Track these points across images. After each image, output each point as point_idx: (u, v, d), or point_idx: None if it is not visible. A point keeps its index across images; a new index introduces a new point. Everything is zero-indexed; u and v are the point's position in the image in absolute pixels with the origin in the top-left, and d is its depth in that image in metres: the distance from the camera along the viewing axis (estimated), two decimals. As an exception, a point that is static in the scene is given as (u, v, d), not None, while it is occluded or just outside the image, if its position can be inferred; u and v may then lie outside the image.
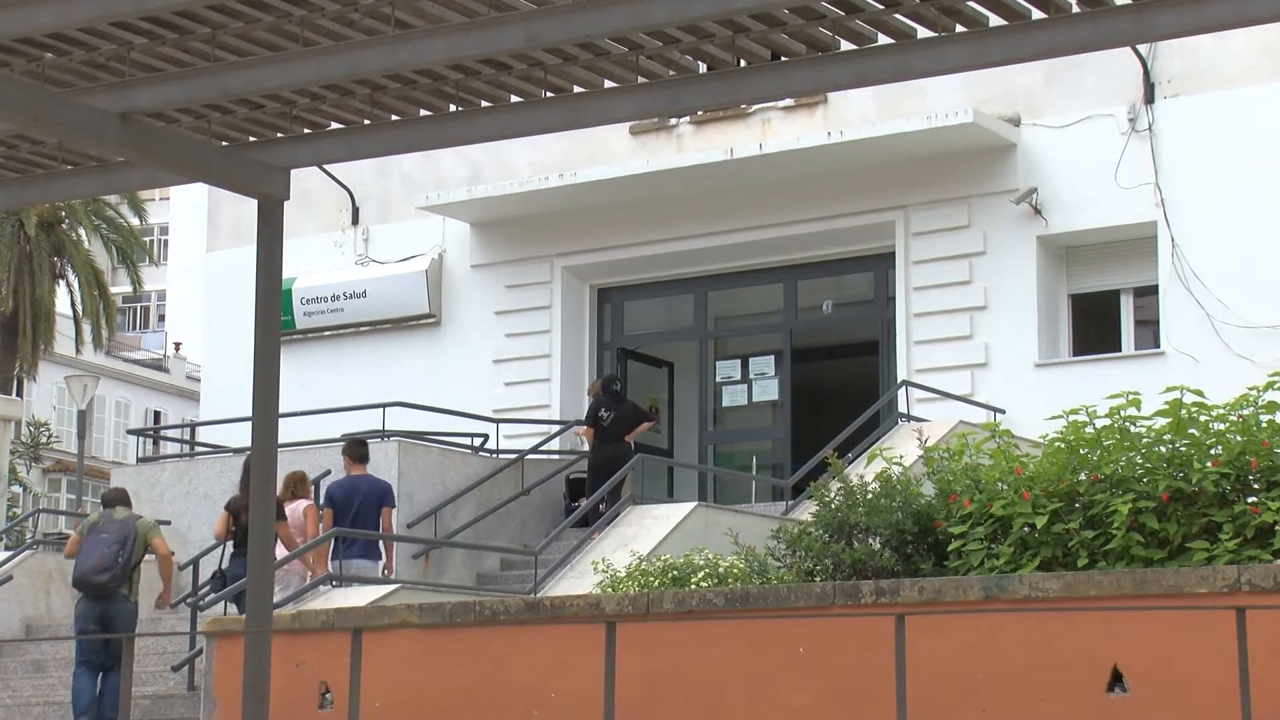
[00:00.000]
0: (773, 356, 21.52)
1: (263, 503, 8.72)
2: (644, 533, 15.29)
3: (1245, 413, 11.36)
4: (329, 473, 17.87)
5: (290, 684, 11.43)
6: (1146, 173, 18.73)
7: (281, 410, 9.08)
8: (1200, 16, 7.41)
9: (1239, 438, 11.17)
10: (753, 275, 21.51)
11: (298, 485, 15.48)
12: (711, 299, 22.00)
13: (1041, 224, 19.27)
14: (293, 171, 9.12)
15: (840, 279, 21.63)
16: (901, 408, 18.79)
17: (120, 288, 53.91)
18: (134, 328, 67.78)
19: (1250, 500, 11.02)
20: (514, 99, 8.53)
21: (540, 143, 20.96)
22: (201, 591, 15.74)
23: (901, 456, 13.22)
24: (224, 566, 14.81)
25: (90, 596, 13.87)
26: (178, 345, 61.66)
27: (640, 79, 8.18)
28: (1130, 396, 11.72)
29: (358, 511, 15.39)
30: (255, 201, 9.09)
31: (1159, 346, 18.60)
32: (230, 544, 14.83)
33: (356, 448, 15.92)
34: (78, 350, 43.54)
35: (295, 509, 15.27)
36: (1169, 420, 11.44)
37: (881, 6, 7.63)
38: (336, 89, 8.48)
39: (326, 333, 23.17)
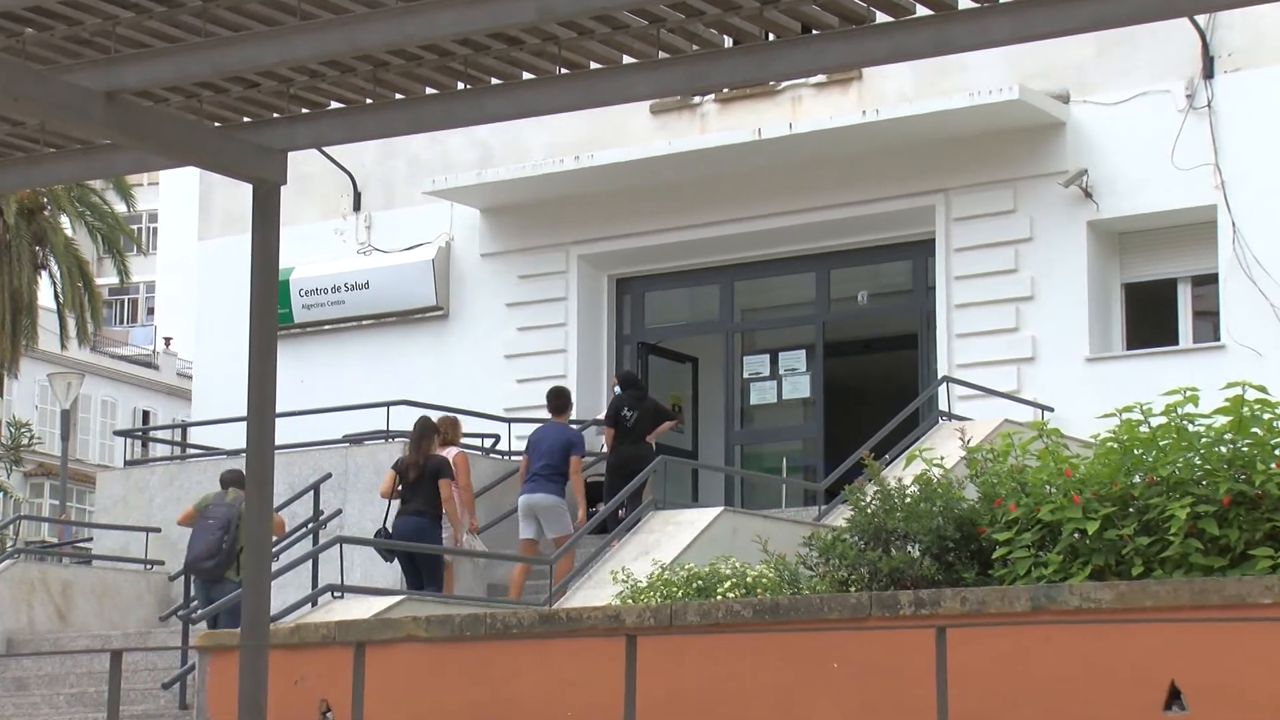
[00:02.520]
0: (804, 351, 21.50)
1: (260, 509, 8.74)
2: (666, 540, 15.29)
3: (1312, 410, 11.33)
4: (329, 476, 17.92)
5: (289, 702, 11.46)
6: (1205, 153, 18.68)
7: (279, 409, 9.10)
8: (1263, -16, 7.39)
9: (1305, 437, 11.15)
10: (782, 264, 21.50)
11: (450, 430, 17.04)
12: (738, 289, 21.99)
13: (1092, 208, 19.24)
14: (290, 154, 9.13)
15: (876, 268, 21.60)
16: (942, 405, 18.77)
17: (106, 279, 54.03)
18: (121, 322, 68.01)
19: (1318, 504, 11.00)
20: (526, 76, 8.53)
21: (555, 123, 20.96)
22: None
23: (942, 458, 13.20)
24: (385, 525, 16.28)
25: (199, 580, 15.69)
26: (168, 340, 61.85)
27: (661, 54, 8.18)
28: (1188, 393, 11.69)
29: (546, 455, 17.21)
30: (250, 186, 9.11)
31: (1219, 339, 18.56)
32: (394, 503, 16.30)
33: (555, 398, 17.95)
34: (61, 346, 43.67)
35: (447, 455, 16.64)
36: (1230, 418, 11.41)
37: (920, -25, 7.63)
38: (337, 66, 8.49)
39: (326, 327, 23.20)
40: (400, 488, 16.34)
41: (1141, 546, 11.17)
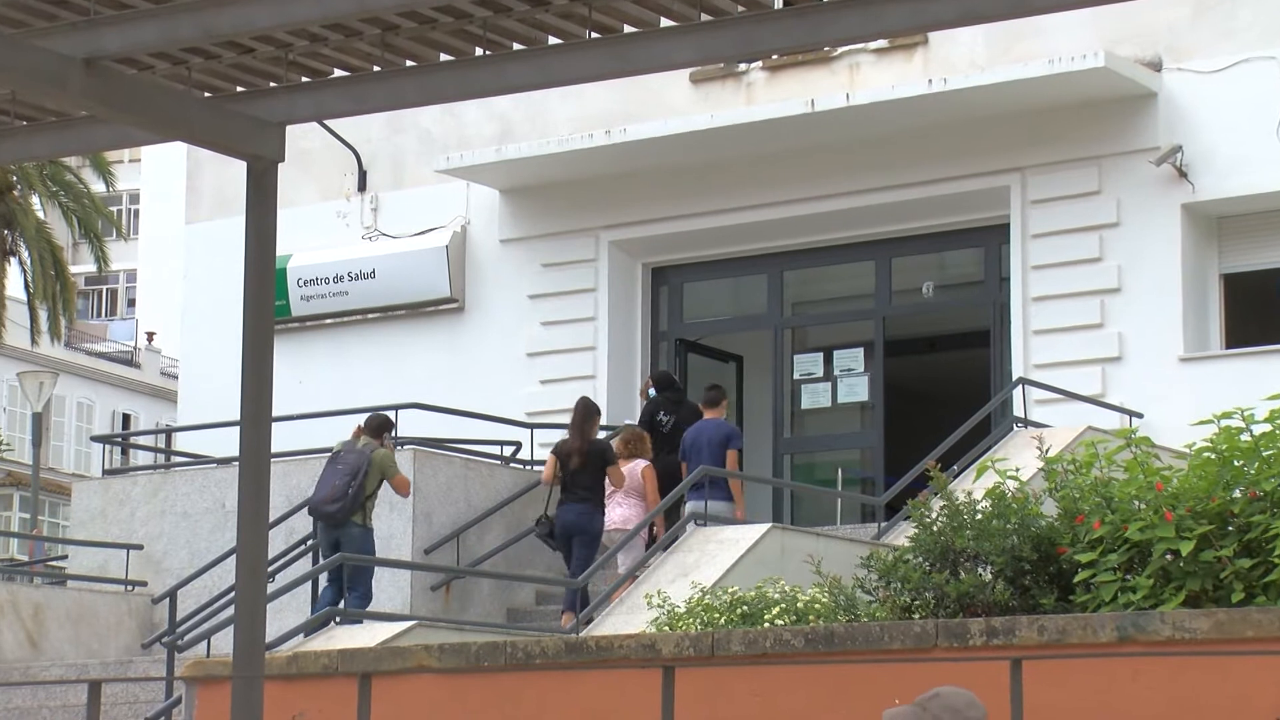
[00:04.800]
0: (862, 349, 21.50)
1: (255, 522, 8.77)
2: (708, 560, 15.31)
3: None
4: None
5: (285, 739, 11.50)
6: (1315, 127, 18.67)
7: (275, 413, 9.13)
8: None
9: None
10: (838, 252, 21.50)
11: (637, 443, 17.57)
12: (788, 280, 22.00)
13: (1187, 189, 19.20)
14: (289, 128, 9.16)
15: (943, 256, 21.59)
16: (1017, 410, 18.76)
17: (82, 267, 54.27)
18: (99, 314, 68.28)
19: None
20: (552, 41, 8.54)
21: (583, 93, 20.98)
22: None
23: (1018, 469, 13.20)
24: (549, 513, 17.09)
25: (324, 524, 16.70)
26: (150, 335, 62.08)
27: (704, 16, 8.18)
28: (1295, 397, 11.67)
29: (701, 454, 17.58)
30: (243, 164, 9.14)
31: (1330, 337, 18.54)
32: (557, 489, 17.10)
33: (708, 392, 18.47)
34: (32, 341, 43.85)
35: (634, 470, 17.27)
36: (1342, 426, 11.38)
37: (994, -72, 7.61)
38: (341, 29, 8.51)
39: (328, 320, 23.28)
40: (561, 474, 17.04)
41: (1242, 570, 11.14)
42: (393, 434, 17.51)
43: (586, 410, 17.49)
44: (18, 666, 17.96)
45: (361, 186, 23.51)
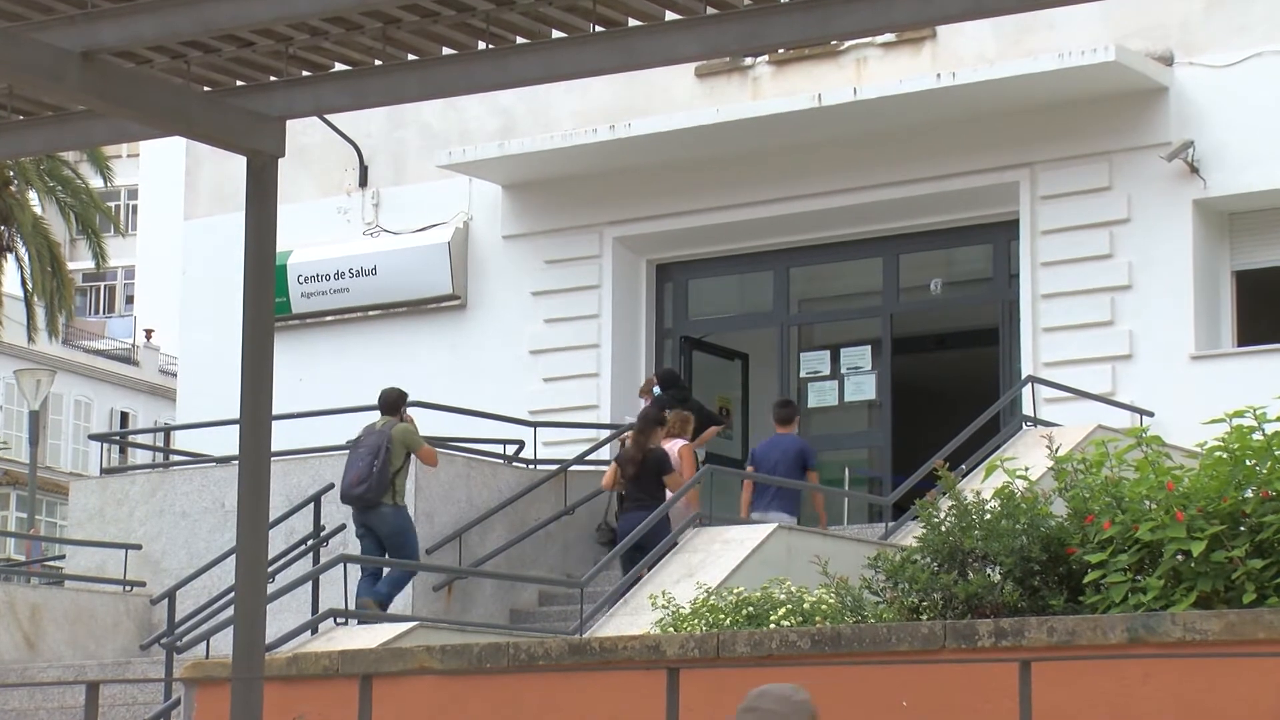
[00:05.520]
0: (869, 347, 21.49)
1: (254, 522, 8.78)
2: (713, 560, 15.31)
3: None
4: (331, 487, 17.97)
5: (285, 741, 11.51)
6: (1328, 122, 18.65)
7: (275, 411, 9.13)
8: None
9: None
10: (845, 248, 21.49)
11: (681, 425, 18.04)
12: (794, 277, 21.98)
13: (1199, 185, 19.18)
14: (289, 122, 9.16)
15: (952, 253, 21.57)
16: (1026, 409, 18.74)
17: (80, 263, 54.27)
18: (97, 311, 68.32)
19: None
20: (556, 34, 8.54)
21: (587, 88, 20.97)
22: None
23: (1027, 468, 13.19)
24: (608, 520, 17.82)
25: (356, 509, 16.88)
26: (149, 333, 62.09)
27: (709, 9, 8.17)
28: (1308, 395, 11.66)
29: (775, 469, 17.91)
30: (243, 159, 9.14)
31: (1343, 334, 18.53)
32: (615, 496, 17.67)
33: (780, 409, 18.71)
34: (29, 339, 43.87)
35: (672, 448, 17.60)
36: (1356, 425, 11.37)
37: (1003, -80, 7.61)
38: (341, 22, 8.51)
39: (328, 318, 23.28)
40: (622, 481, 17.44)
41: (1254, 570, 11.13)
42: (406, 401, 17.54)
43: (646, 421, 17.67)
44: (14, 668, 17.96)
45: (362, 182, 23.51)
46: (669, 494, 16.98)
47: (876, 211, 20.81)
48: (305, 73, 8.98)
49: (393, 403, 17.23)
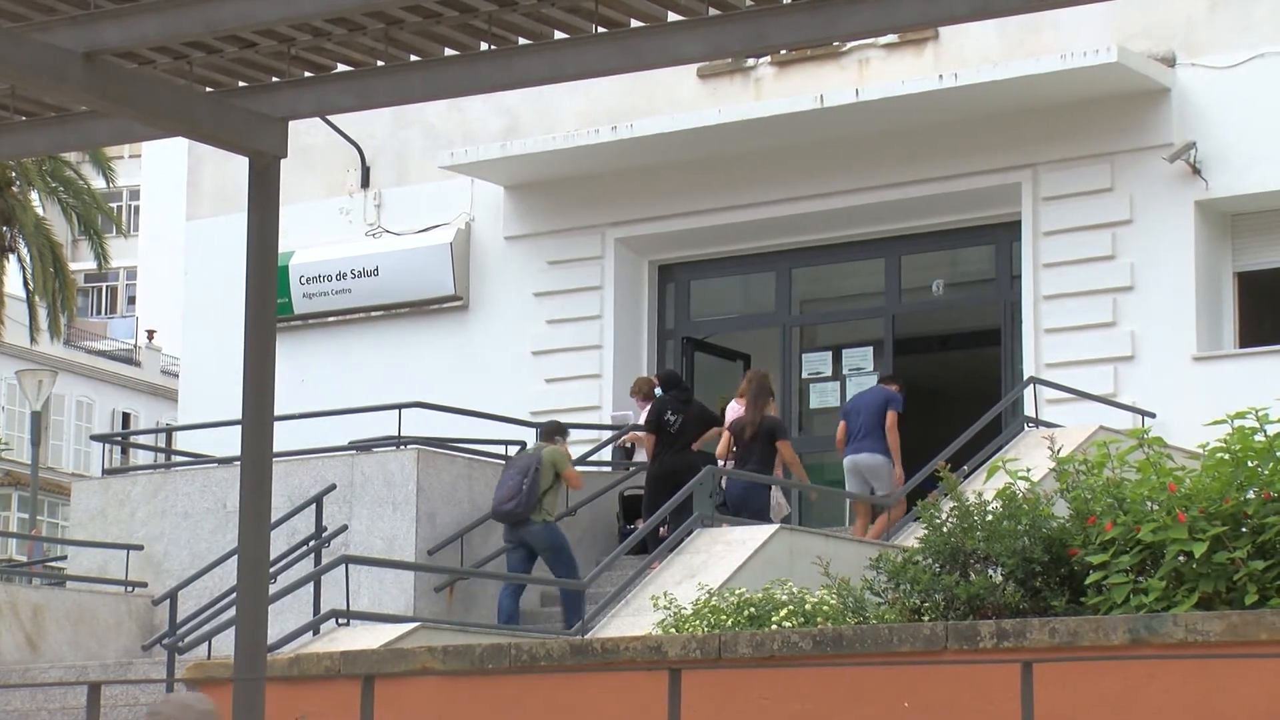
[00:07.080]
0: (871, 348, 21.49)
1: (256, 522, 8.78)
2: (715, 561, 15.31)
3: None
4: (333, 487, 17.97)
5: (287, 742, 11.51)
6: (1331, 123, 18.65)
7: (277, 412, 9.13)
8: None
9: None
10: (847, 249, 21.49)
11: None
12: (797, 278, 21.99)
13: (1201, 186, 19.18)
14: (291, 123, 9.17)
15: (954, 253, 21.58)
16: (1028, 410, 18.74)
17: (82, 264, 54.31)
18: (99, 312, 68.31)
19: None
20: (558, 35, 8.54)
21: (590, 88, 20.97)
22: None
23: (1029, 469, 13.19)
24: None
25: (507, 525, 17.59)
26: (151, 333, 62.09)
27: (712, 10, 8.18)
28: (1310, 397, 11.66)
29: (862, 415, 18.38)
30: (245, 160, 9.15)
31: (1345, 336, 18.53)
32: (730, 464, 18.06)
33: (885, 380, 19.20)
34: (31, 339, 43.86)
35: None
36: (1358, 426, 11.38)
37: (1006, -79, 7.61)
38: (344, 23, 8.52)
39: (331, 318, 23.28)
40: (735, 448, 18.10)
41: (1256, 571, 11.13)
42: (566, 435, 18.35)
43: (760, 386, 18.27)
44: (16, 668, 17.95)
45: (365, 183, 23.51)
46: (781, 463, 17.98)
47: (879, 212, 20.81)
48: (308, 73, 8.99)
49: (549, 433, 18.10)
